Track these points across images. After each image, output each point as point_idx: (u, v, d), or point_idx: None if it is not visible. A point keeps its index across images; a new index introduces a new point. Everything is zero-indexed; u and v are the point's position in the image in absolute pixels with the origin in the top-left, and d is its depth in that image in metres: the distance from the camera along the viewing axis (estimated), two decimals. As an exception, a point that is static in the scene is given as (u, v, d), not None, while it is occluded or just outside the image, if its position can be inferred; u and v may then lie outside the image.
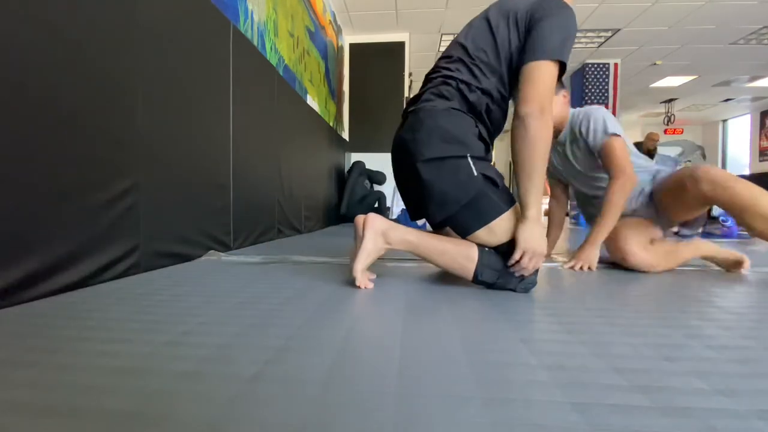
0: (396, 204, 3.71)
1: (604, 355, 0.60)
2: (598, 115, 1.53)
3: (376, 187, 4.86)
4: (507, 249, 1.05)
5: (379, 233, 1.07)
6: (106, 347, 0.61)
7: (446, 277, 1.25)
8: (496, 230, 1.04)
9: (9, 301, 0.82)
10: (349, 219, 4.52)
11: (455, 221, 1.07)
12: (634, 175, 1.46)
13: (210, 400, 0.44)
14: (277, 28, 2.75)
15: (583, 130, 1.54)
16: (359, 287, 1.06)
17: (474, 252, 1.05)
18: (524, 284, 1.05)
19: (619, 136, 1.49)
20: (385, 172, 4.84)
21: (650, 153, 5.65)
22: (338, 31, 4.88)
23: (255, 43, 2.33)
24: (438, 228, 1.13)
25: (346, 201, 4.35)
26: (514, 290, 1.06)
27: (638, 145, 5.71)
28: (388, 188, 4.65)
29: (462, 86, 1.08)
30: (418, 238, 1.08)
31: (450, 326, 0.75)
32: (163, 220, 1.35)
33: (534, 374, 0.53)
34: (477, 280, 1.07)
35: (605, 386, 0.49)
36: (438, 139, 1.04)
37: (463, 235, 1.08)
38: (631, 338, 0.68)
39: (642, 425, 0.41)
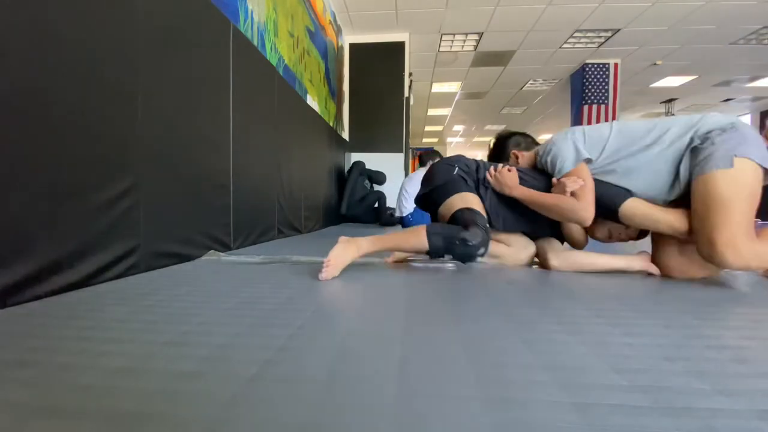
0: (403, 204, 3.70)
1: (604, 355, 0.60)
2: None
3: (376, 187, 4.85)
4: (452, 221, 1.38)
5: (347, 241, 1.28)
6: (106, 347, 0.61)
7: (446, 278, 1.25)
8: (450, 204, 1.43)
9: (9, 301, 0.82)
10: (349, 219, 4.52)
11: (432, 196, 1.52)
12: None
13: (210, 400, 0.44)
14: (277, 28, 2.75)
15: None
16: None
17: (421, 228, 1.30)
18: (466, 250, 1.22)
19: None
20: (385, 172, 4.84)
21: None
22: (338, 31, 4.88)
23: (255, 43, 2.33)
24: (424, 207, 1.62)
25: (346, 201, 4.35)
26: (461, 258, 1.26)
27: None
28: (388, 188, 4.64)
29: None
30: (380, 237, 1.32)
31: (450, 326, 0.75)
32: (163, 220, 1.35)
33: (534, 374, 0.53)
34: (430, 244, 1.26)
35: (605, 386, 0.49)
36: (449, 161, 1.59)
37: (435, 208, 1.50)
38: (631, 338, 0.68)
39: (642, 425, 0.41)
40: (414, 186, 3.70)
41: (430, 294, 1.03)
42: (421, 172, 3.74)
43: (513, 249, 1.54)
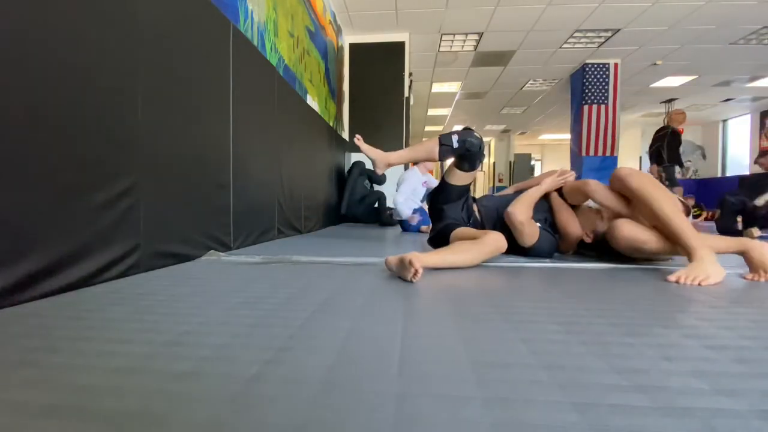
0: (405, 204, 3.67)
1: (604, 355, 0.60)
2: None
3: (376, 187, 4.85)
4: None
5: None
6: (106, 347, 0.61)
7: (446, 278, 1.25)
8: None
9: (9, 301, 0.82)
10: (349, 219, 4.51)
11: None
12: None
13: (210, 400, 0.44)
14: (277, 28, 2.75)
15: None
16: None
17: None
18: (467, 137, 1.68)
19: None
20: (384, 172, 4.82)
21: (676, 137, 4.92)
22: (338, 31, 4.87)
23: (255, 43, 2.33)
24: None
25: (346, 201, 4.35)
26: (469, 149, 1.67)
27: (663, 129, 5.16)
28: (388, 188, 4.64)
29: None
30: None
31: (450, 326, 0.75)
32: (163, 220, 1.35)
33: (534, 374, 0.53)
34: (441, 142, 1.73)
35: (605, 386, 0.49)
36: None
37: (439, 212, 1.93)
38: (631, 338, 0.68)
39: (642, 425, 0.41)
40: (409, 187, 3.69)
41: (430, 294, 1.03)
42: (412, 171, 3.73)
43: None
